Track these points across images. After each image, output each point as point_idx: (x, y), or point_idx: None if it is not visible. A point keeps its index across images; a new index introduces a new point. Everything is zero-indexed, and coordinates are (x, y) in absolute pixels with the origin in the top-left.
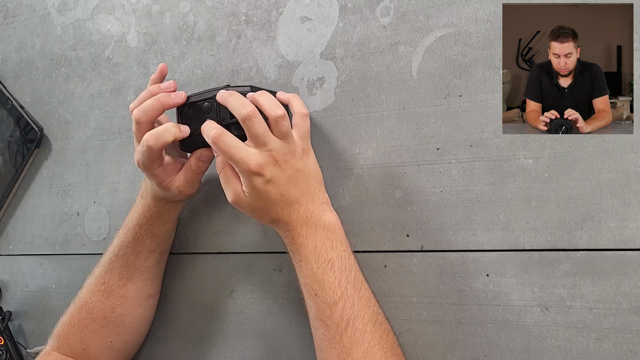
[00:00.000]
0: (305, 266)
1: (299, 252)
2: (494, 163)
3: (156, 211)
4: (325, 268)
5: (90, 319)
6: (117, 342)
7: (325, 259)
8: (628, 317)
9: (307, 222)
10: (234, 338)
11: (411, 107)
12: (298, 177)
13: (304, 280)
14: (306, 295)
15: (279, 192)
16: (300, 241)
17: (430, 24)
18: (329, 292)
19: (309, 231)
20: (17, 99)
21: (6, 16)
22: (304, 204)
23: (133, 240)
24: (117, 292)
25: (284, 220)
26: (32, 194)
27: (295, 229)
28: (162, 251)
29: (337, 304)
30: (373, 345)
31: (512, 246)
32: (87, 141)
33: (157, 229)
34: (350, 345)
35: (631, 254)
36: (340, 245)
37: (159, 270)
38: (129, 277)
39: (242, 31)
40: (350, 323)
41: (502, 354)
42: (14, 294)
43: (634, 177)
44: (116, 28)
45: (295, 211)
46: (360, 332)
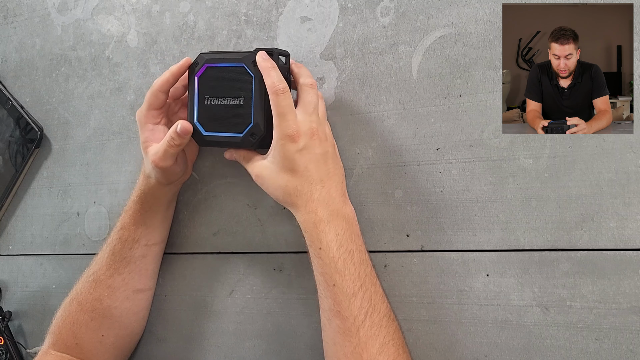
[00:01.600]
0: (325, 254)
1: (320, 239)
2: (494, 163)
3: (143, 191)
4: (346, 258)
5: (80, 311)
6: (108, 336)
7: (346, 248)
8: (628, 317)
9: (327, 207)
10: (234, 338)
11: (411, 107)
12: (327, 158)
13: (322, 269)
14: (323, 285)
15: (304, 165)
16: (322, 227)
17: (430, 24)
18: (348, 283)
19: (331, 218)
20: (17, 99)
21: (6, 16)
22: (327, 186)
23: (120, 227)
24: (104, 282)
25: (304, 198)
26: (32, 194)
27: (317, 212)
28: (150, 244)
29: (356, 295)
30: (387, 341)
31: (512, 246)
32: (87, 141)
33: (143, 216)
34: (367, 339)
35: (631, 254)
36: (357, 239)
37: (146, 264)
38: (116, 267)
39: (242, 31)
40: (367, 316)
41: (502, 354)
42: (14, 294)
43: (634, 177)
44: (116, 28)
45: (317, 191)
46: (377, 326)
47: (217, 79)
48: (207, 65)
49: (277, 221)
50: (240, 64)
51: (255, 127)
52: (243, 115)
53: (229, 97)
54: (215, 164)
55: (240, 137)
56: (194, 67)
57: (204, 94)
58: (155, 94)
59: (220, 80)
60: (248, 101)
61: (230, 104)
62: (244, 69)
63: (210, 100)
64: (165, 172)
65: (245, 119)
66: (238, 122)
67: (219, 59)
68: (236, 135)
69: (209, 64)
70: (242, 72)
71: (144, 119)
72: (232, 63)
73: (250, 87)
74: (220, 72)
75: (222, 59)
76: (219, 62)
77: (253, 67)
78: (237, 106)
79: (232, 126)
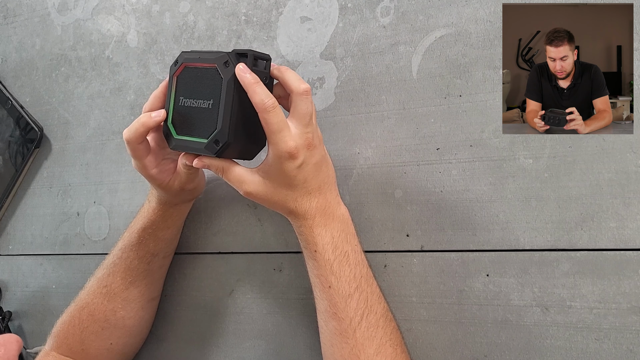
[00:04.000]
0: (321, 257)
1: (315, 243)
2: (494, 163)
3: (161, 215)
4: (341, 260)
5: (91, 321)
6: (117, 344)
7: (341, 250)
8: (628, 317)
9: (324, 212)
10: (234, 338)
11: (411, 107)
12: (322, 164)
13: (317, 272)
14: (318, 288)
15: (303, 179)
16: (317, 231)
17: (430, 24)
18: (344, 284)
19: (327, 221)
20: (17, 99)
21: (6, 16)
22: (322, 193)
23: (137, 244)
24: (119, 295)
25: (302, 208)
26: (32, 194)
27: (314, 218)
28: (166, 255)
29: (352, 297)
30: (385, 341)
31: (512, 246)
32: (87, 141)
33: (161, 233)
34: (364, 340)
35: (631, 254)
36: (352, 239)
37: (161, 273)
38: (132, 280)
39: (242, 31)
40: (364, 317)
41: (502, 354)
42: (14, 294)
43: (634, 177)
44: (116, 28)
45: (315, 199)
46: (374, 327)
47: (192, 79)
48: (185, 65)
49: (277, 221)
50: (212, 64)
51: (220, 134)
52: (210, 119)
53: (200, 99)
54: None
55: (205, 142)
56: (173, 66)
57: (179, 95)
58: (133, 148)
59: (194, 81)
60: (216, 105)
61: (200, 106)
62: (215, 70)
63: (184, 101)
64: (192, 191)
65: (212, 123)
66: (205, 126)
67: (195, 58)
68: (202, 140)
69: (187, 63)
70: (214, 74)
71: (144, 171)
72: (206, 63)
73: (219, 89)
74: (195, 72)
75: (198, 59)
76: (195, 61)
77: (224, 68)
78: (206, 109)
79: (200, 131)
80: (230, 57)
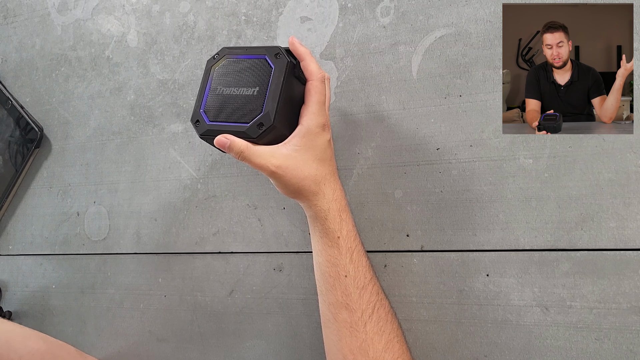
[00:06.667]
0: (344, 244)
1: (341, 228)
2: (494, 163)
3: None
4: (360, 249)
5: None
6: None
7: (359, 240)
8: (628, 317)
9: (344, 198)
10: (234, 338)
11: (411, 107)
12: (328, 149)
13: (336, 260)
14: (333, 277)
15: (331, 155)
16: (344, 215)
17: (430, 24)
18: (361, 274)
19: (347, 207)
20: (17, 99)
21: (6, 16)
22: (335, 179)
23: None
24: None
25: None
26: (32, 194)
27: (341, 201)
28: None
29: (367, 287)
30: (392, 337)
31: (512, 246)
32: (87, 141)
33: None
34: (373, 334)
35: (631, 254)
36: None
37: None
38: None
39: (242, 31)
40: (375, 310)
41: (502, 354)
42: (14, 294)
43: (634, 177)
44: (116, 28)
45: (339, 180)
46: (384, 321)
47: (234, 70)
48: (227, 57)
49: (277, 221)
50: (262, 55)
51: (265, 117)
52: (254, 105)
53: (243, 87)
54: (215, 164)
55: (247, 126)
56: (212, 59)
57: (217, 85)
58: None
59: (237, 71)
60: (262, 91)
61: (243, 94)
62: (264, 61)
63: (222, 90)
64: None
65: (256, 109)
66: (247, 112)
67: (240, 52)
68: (242, 124)
69: (229, 56)
70: (262, 64)
71: None
72: (254, 54)
73: (268, 77)
74: (239, 63)
75: (244, 52)
76: (239, 54)
77: (275, 59)
78: (249, 96)
79: (240, 116)
80: (281, 50)
